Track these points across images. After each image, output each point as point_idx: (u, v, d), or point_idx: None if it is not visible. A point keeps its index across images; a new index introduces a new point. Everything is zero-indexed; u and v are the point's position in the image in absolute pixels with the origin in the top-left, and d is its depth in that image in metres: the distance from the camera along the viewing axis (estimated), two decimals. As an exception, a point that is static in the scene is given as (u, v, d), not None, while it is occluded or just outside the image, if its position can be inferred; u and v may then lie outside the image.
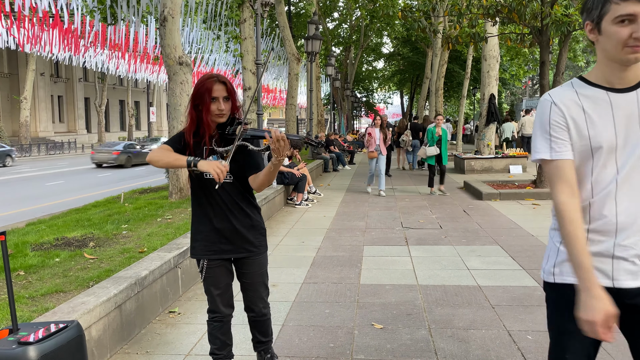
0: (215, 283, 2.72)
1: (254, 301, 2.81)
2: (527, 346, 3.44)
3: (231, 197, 2.62)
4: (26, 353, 1.97)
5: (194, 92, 2.51)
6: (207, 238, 2.66)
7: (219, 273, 2.71)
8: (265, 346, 2.97)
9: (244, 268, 2.74)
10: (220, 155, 2.54)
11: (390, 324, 3.87)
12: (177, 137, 2.62)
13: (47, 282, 3.87)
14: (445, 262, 5.55)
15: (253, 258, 2.73)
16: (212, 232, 2.65)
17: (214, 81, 2.47)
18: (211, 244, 2.66)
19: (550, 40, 10.17)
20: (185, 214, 6.74)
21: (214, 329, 2.78)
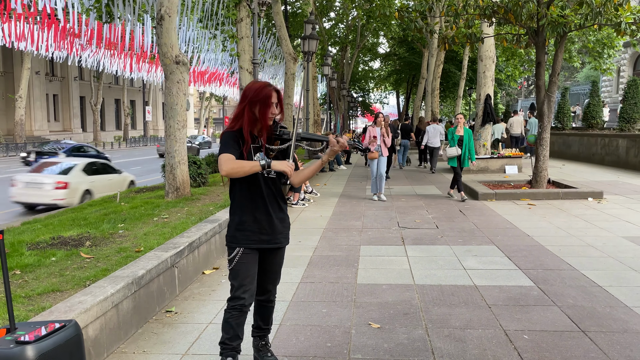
0: (249, 272, 2.90)
1: (268, 286, 3.04)
2: (523, 345, 3.45)
3: (272, 192, 2.90)
4: (24, 352, 1.96)
5: (252, 96, 2.77)
6: (250, 228, 2.87)
7: (252, 261, 2.91)
8: (263, 333, 3.15)
9: (271, 257, 2.99)
10: (267, 152, 2.86)
11: (387, 323, 3.88)
12: (234, 140, 2.77)
13: (44, 282, 3.86)
14: (442, 261, 5.56)
15: (280, 250, 3.02)
16: (255, 223, 2.87)
17: (272, 89, 2.81)
18: (252, 234, 2.87)
19: (546, 41, 10.21)
20: (182, 214, 6.72)
21: (231, 317, 2.88)
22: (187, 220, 6.14)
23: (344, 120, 40.90)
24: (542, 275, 4.98)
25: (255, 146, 2.81)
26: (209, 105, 72.66)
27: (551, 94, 10.19)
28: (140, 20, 21.97)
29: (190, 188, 8.44)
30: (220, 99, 67.54)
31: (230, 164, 2.65)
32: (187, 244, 4.80)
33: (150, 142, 53.50)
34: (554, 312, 4.03)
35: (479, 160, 14.47)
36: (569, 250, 5.89)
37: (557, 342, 3.51)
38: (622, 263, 5.34)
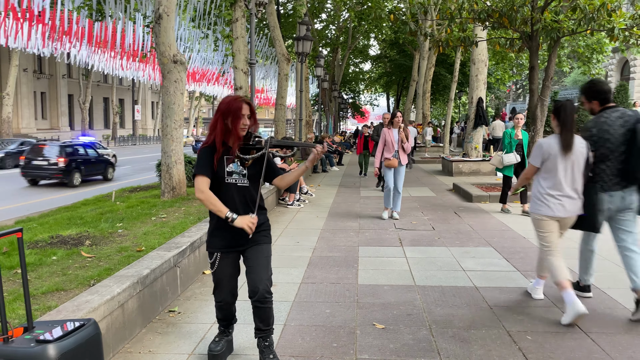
0: (225, 274, 3.16)
1: (256, 283, 3.06)
2: (527, 346, 3.49)
3: (245, 199, 3.08)
4: (46, 351, 1.95)
5: (224, 109, 2.97)
6: (222, 234, 3.08)
7: (228, 264, 3.15)
8: (264, 334, 3.17)
9: (250, 254, 3.12)
10: (242, 162, 3.04)
11: (391, 324, 3.90)
12: (206, 154, 2.99)
13: (47, 281, 3.82)
14: (441, 263, 5.60)
15: (257, 246, 3.13)
16: (226, 230, 3.03)
17: (242, 101, 2.99)
18: (224, 240, 3.08)
19: (539, 45, 10.33)
20: (180, 213, 6.70)
21: (217, 308, 3.31)
22: (185, 220, 6.12)
23: (335, 122, 40.96)
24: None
25: (228, 157, 3.01)
26: (199, 105, 72.34)
27: (544, 98, 10.31)
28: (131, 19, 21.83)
29: (186, 188, 8.40)
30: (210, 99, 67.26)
31: (203, 196, 2.94)
32: (188, 244, 4.79)
33: (139, 142, 53.14)
34: (555, 314, 4.08)
35: (471, 162, 14.60)
36: (565, 253, 5.94)
37: (560, 342, 3.55)
38: (618, 266, 5.40)
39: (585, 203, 4.04)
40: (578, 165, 3.99)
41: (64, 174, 16.02)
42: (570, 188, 4.00)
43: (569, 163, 3.97)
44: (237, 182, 3.03)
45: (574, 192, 4.02)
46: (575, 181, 4.00)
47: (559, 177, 3.98)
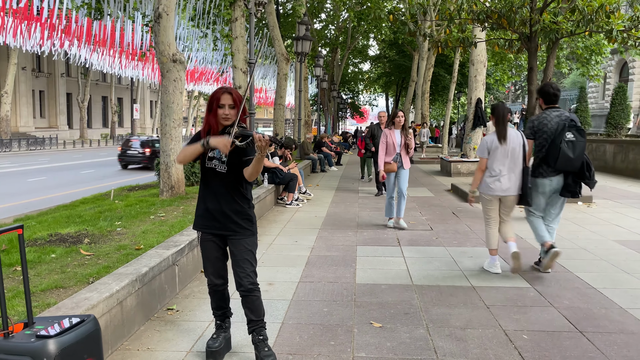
0: (207, 254, 3.28)
1: (240, 275, 3.18)
2: (523, 345, 3.52)
3: (223, 185, 3.16)
4: (46, 347, 1.96)
5: (209, 101, 3.11)
6: (203, 215, 3.22)
7: (210, 247, 3.25)
8: (257, 326, 3.22)
9: (232, 246, 3.22)
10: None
11: (388, 322, 3.92)
12: (193, 138, 3.18)
13: (46, 278, 3.84)
14: (438, 262, 5.63)
15: (238, 237, 3.19)
16: (206, 212, 3.20)
17: (222, 91, 3.09)
18: (205, 220, 3.22)
19: (538, 46, 10.35)
20: (178, 212, 6.71)
21: (210, 295, 3.38)
22: (184, 219, 6.14)
23: (333, 122, 40.99)
24: (538, 277, 5.07)
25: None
26: (198, 104, 72.33)
27: (542, 99, 10.33)
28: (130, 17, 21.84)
29: (185, 187, 8.42)
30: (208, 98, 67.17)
31: (179, 154, 3.14)
32: (187, 242, 4.80)
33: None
34: (551, 313, 4.11)
35: (469, 163, 14.62)
36: (562, 253, 5.98)
37: (555, 342, 3.58)
38: (614, 266, 5.45)
39: (522, 183, 5.01)
40: (514, 152, 4.97)
41: (149, 160, 21.04)
42: (508, 171, 4.97)
43: (507, 151, 4.96)
44: (217, 167, 3.12)
45: (513, 174, 4.98)
46: (514, 166, 4.98)
47: (498, 163, 4.98)
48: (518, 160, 4.97)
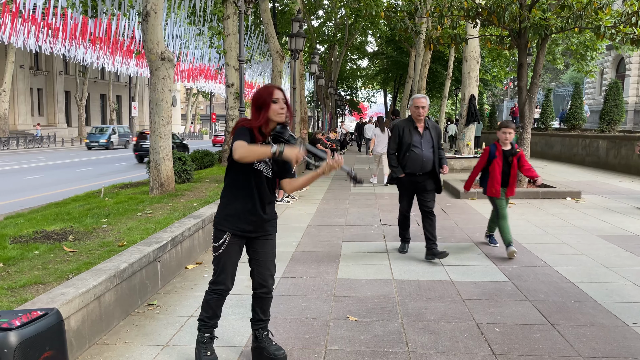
0: (232, 259, 3.13)
1: (266, 278, 3.18)
2: (494, 337, 3.58)
3: (266, 189, 3.11)
4: (6, 338, 2.03)
5: (256, 96, 3.00)
6: (236, 215, 3.06)
7: (236, 250, 3.13)
8: (264, 324, 3.27)
9: (260, 247, 3.16)
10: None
11: (364, 316, 3.99)
12: (244, 132, 2.94)
13: (26, 274, 3.90)
14: (421, 258, 5.69)
15: (268, 238, 3.18)
16: (243, 212, 3.06)
17: (273, 87, 3.02)
18: (238, 222, 3.07)
19: (528, 43, 10.40)
20: (166, 209, 6.77)
21: (212, 299, 3.17)
22: (170, 216, 6.20)
23: (331, 119, 41.01)
24: (517, 272, 5.13)
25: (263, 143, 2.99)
26: (196, 102, 72.33)
27: (532, 95, 10.39)
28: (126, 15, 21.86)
29: (175, 184, 8.48)
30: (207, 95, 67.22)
31: (242, 149, 2.82)
32: (170, 239, 4.86)
33: (137, 138, 53.11)
34: (526, 307, 4.18)
35: (462, 159, 14.68)
36: (544, 248, 6.06)
37: (526, 334, 3.64)
38: (594, 260, 5.52)
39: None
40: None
41: None
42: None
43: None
44: (264, 171, 3.05)
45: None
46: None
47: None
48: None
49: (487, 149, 5.84)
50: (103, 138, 37.04)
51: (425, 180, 5.58)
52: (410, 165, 5.51)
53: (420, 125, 5.56)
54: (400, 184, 5.71)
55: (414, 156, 5.48)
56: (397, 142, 5.60)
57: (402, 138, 5.54)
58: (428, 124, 5.59)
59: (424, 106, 5.45)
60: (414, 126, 5.54)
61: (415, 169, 5.51)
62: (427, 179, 5.58)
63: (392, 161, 5.68)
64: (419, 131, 5.53)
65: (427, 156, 5.48)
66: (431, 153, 5.50)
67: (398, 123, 5.68)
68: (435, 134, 5.59)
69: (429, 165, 5.51)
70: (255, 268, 3.18)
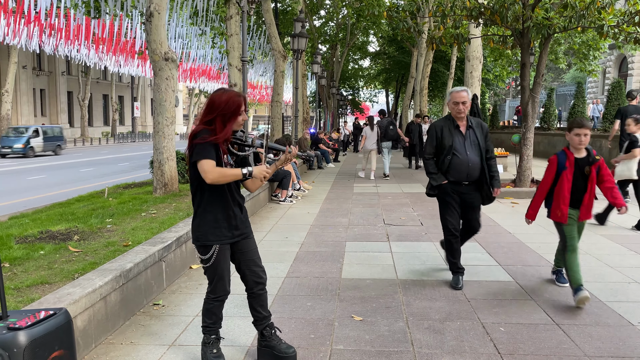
0: (225, 266, 3.13)
1: (259, 273, 3.21)
2: (499, 337, 3.59)
3: (239, 191, 3.16)
4: (16, 338, 2.04)
5: (222, 106, 2.93)
6: (221, 225, 3.05)
7: (227, 257, 3.14)
8: (269, 320, 3.28)
9: (246, 247, 3.18)
10: (231, 154, 3.07)
11: (369, 316, 3.99)
12: (210, 149, 2.90)
13: (32, 274, 3.92)
14: (425, 257, 5.70)
15: (250, 237, 3.22)
16: (226, 220, 3.07)
17: (243, 98, 3.01)
18: (226, 230, 3.07)
19: (531, 42, 10.39)
20: (170, 209, 6.79)
21: (214, 307, 3.18)
22: (174, 216, 6.21)
23: (333, 118, 41.02)
24: (521, 271, 5.13)
25: (223, 149, 3.02)
26: (198, 102, 72.39)
27: (535, 95, 10.38)
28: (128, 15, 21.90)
29: (179, 184, 8.49)
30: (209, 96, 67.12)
31: (213, 175, 2.84)
32: (174, 239, 4.88)
33: (139, 139, 53.23)
34: (531, 306, 4.18)
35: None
36: (548, 248, 6.04)
37: (531, 334, 3.65)
38: (598, 260, 5.51)
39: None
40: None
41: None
42: None
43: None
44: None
45: None
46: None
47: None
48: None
49: (553, 159, 4.32)
50: (19, 143, 28.37)
51: (471, 191, 4.64)
52: (453, 172, 4.56)
53: (462, 124, 4.60)
54: (443, 193, 4.67)
55: (456, 161, 4.53)
56: (435, 144, 4.66)
57: (441, 140, 4.59)
58: (472, 123, 4.62)
59: (465, 101, 4.50)
60: (455, 125, 4.60)
61: (460, 176, 4.56)
62: (473, 190, 4.64)
63: (430, 167, 4.72)
64: (460, 131, 4.59)
65: (474, 161, 4.53)
66: (478, 157, 4.55)
67: (435, 122, 4.77)
68: (481, 133, 4.63)
69: (476, 172, 4.56)
70: (245, 270, 3.19)
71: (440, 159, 4.66)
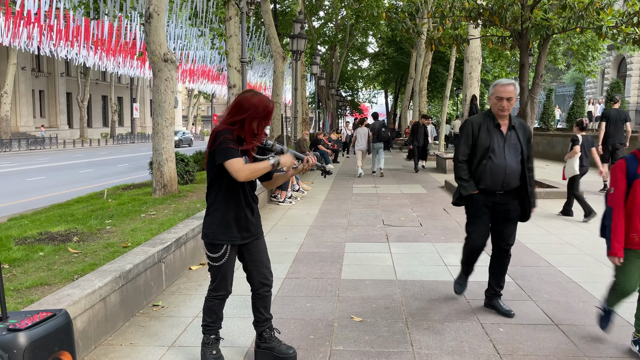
0: (230, 267, 3.12)
1: (267, 275, 3.20)
2: (498, 337, 3.59)
3: (252, 191, 3.13)
4: (16, 339, 2.04)
5: (253, 112, 2.89)
6: (232, 227, 3.04)
7: (234, 256, 3.13)
8: (270, 323, 3.29)
9: (255, 248, 3.16)
10: (255, 160, 3.05)
11: (369, 317, 4.00)
12: (235, 148, 2.87)
13: (32, 275, 3.92)
14: (424, 258, 5.70)
15: (261, 238, 3.21)
16: (237, 221, 3.05)
17: (272, 105, 2.97)
18: (236, 231, 3.05)
19: (529, 43, 10.41)
20: (169, 210, 6.79)
21: (214, 305, 3.17)
22: (174, 217, 6.21)
23: (332, 120, 41.04)
24: (520, 272, 5.13)
25: (254, 157, 3.03)
26: (198, 103, 72.41)
27: (534, 96, 10.40)
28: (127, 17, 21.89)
29: (178, 185, 8.50)
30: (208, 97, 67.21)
31: (247, 171, 2.84)
32: (174, 240, 4.88)
33: (138, 140, 53.18)
34: (530, 307, 4.18)
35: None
36: (547, 248, 6.06)
37: (531, 334, 3.65)
38: (597, 260, 5.52)
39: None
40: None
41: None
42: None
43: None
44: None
45: None
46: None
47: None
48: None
49: (620, 164, 3.22)
50: None
51: (507, 201, 3.95)
52: (487, 179, 3.88)
53: (504, 123, 3.91)
54: (473, 204, 4.02)
55: (493, 167, 3.84)
56: (470, 144, 3.95)
57: (477, 140, 3.90)
58: (514, 122, 3.91)
59: (511, 97, 3.80)
60: (495, 124, 3.89)
61: (495, 185, 3.88)
62: (510, 200, 3.95)
63: (461, 172, 4.00)
64: (501, 131, 3.89)
65: (512, 167, 3.85)
66: (518, 163, 3.86)
67: (472, 118, 4.05)
68: (524, 136, 3.93)
69: (515, 180, 3.88)
70: (253, 270, 3.18)
71: (474, 163, 3.94)
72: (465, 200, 4.03)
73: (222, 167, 2.87)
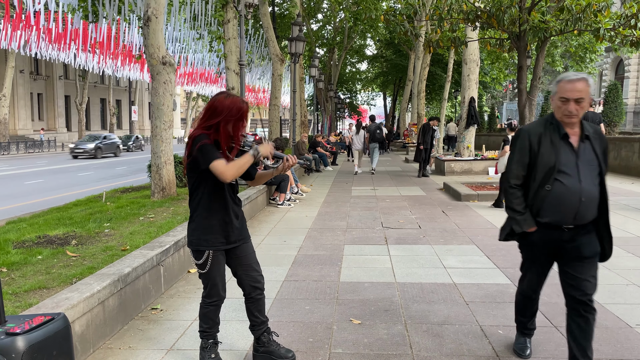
0: (220, 271, 3.08)
1: (257, 278, 3.17)
2: (497, 340, 3.59)
3: (235, 195, 3.10)
4: (14, 343, 2.04)
5: (227, 114, 2.84)
6: (218, 230, 2.99)
7: (221, 261, 3.07)
8: (266, 326, 3.26)
9: (243, 252, 3.12)
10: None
11: (368, 319, 3.99)
12: (214, 149, 2.83)
13: (30, 279, 3.91)
14: (423, 260, 5.70)
15: (248, 242, 3.17)
16: (221, 226, 3.00)
17: (245, 106, 2.94)
18: (220, 236, 3.00)
19: (527, 45, 10.44)
20: (168, 213, 6.78)
21: (210, 312, 3.14)
22: (172, 220, 6.21)
23: (331, 122, 41.06)
24: (519, 274, 5.12)
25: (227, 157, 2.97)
26: (196, 105, 72.40)
27: (532, 98, 10.43)
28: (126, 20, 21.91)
29: (177, 188, 8.49)
30: (207, 99, 67.19)
31: (231, 170, 2.80)
32: (172, 243, 4.87)
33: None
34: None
35: (463, 162, 14.69)
36: (546, 250, 6.05)
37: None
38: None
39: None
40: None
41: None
42: None
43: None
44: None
45: None
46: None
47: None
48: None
49: None
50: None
51: (579, 237, 2.91)
52: (552, 209, 2.87)
53: (574, 132, 2.87)
54: (529, 243, 3.07)
55: (562, 193, 2.82)
56: (526, 162, 2.94)
57: (538, 156, 2.88)
58: (588, 131, 2.87)
59: (581, 98, 2.78)
60: (562, 134, 2.86)
61: (564, 216, 2.86)
62: (583, 234, 2.91)
63: (515, 202, 3.00)
64: (570, 143, 2.86)
65: (590, 193, 2.82)
66: (596, 186, 2.85)
67: (529, 128, 2.98)
68: (600, 148, 2.89)
69: (592, 210, 2.87)
70: (242, 274, 3.14)
71: (532, 188, 2.94)
72: (519, 237, 3.08)
73: (205, 172, 2.83)
